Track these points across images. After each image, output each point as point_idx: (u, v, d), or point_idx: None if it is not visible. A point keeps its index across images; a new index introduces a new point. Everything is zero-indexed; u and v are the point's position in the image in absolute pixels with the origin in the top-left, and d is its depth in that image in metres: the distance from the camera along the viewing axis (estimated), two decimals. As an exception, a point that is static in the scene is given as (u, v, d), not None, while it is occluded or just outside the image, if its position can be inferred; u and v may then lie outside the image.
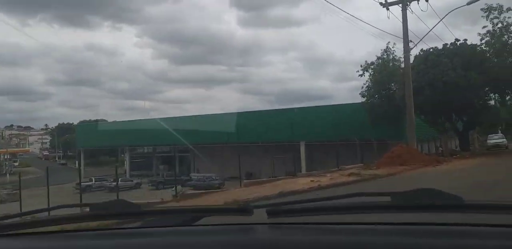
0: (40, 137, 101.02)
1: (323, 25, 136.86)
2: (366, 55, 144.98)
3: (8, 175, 46.20)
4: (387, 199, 1.01)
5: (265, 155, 32.26)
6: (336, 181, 11.90)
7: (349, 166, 16.59)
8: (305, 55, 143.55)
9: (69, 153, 74.37)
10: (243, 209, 1.04)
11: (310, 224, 1.06)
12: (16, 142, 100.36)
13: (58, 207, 1.28)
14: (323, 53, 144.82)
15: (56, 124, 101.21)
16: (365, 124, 25.46)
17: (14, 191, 28.62)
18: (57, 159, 74.66)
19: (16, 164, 62.53)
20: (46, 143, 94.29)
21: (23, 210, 22.53)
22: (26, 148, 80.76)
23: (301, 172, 28.24)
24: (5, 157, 59.86)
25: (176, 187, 17.30)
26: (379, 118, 23.97)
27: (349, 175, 13.02)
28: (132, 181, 34.87)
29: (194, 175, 33.23)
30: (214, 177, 30.88)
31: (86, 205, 1.18)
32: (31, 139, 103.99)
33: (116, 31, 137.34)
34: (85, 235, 1.12)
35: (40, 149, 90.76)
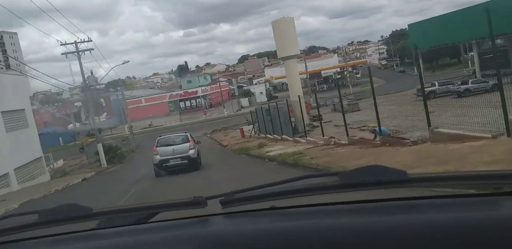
0: (377, 47, 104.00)
1: None
2: None
3: (351, 86, 48.48)
4: (335, 179, 1.03)
5: None
6: None
7: None
8: None
9: (406, 60, 71.86)
10: (197, 201, 1.07)
11: (263, 210, 1.08)
12: (357, 55, 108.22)
13: (7, 216, 1.22)
14: None
15: (390, 33, 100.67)
16: None
17: (355, 102, 28.33)
18: (394, 67, 73.87)
19: (358, 75, 65.94)
20: (383, 53, 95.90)
21: (360, 119, 21.17)
22: (363, 60, 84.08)
23: None
24: (348, 69, 63.78)
25: None
26: None
27: None
28: (487, 82, 27.42)
29: None
30: None
31: (34, 212, 1.15)
32: (369, 51, 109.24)
33: None
34: (40, 243, 1.11)
35: (379, 59, 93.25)
